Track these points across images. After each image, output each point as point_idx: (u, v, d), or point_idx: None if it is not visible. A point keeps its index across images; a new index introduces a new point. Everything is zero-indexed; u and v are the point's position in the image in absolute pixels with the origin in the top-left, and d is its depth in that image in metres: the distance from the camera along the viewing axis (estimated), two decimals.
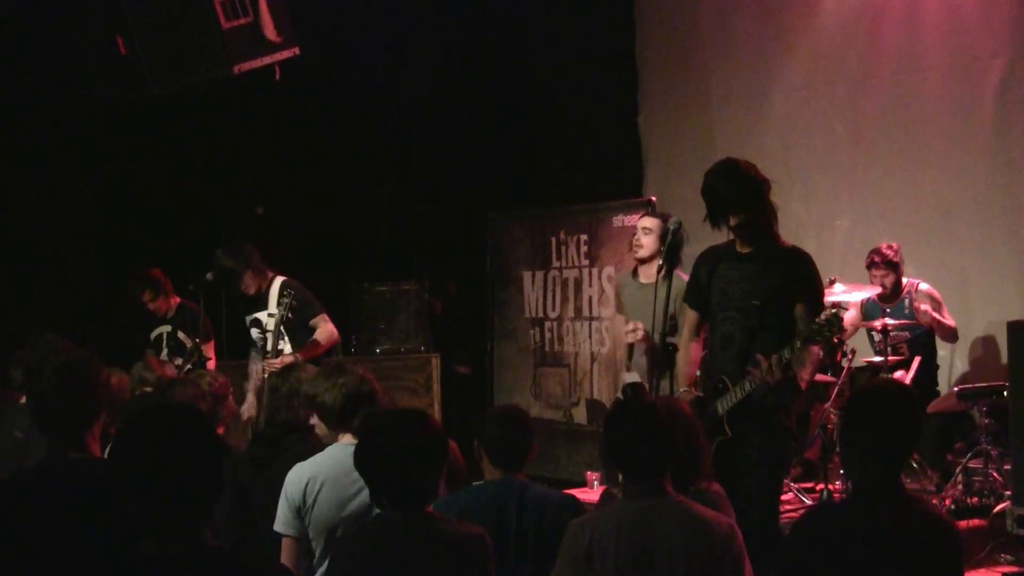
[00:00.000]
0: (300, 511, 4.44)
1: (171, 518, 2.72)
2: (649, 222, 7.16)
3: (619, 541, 3.82)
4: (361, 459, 3.84)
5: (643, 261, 7.17)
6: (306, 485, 4.44)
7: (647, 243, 7.11)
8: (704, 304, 5.70)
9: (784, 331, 5.42)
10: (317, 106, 10.01)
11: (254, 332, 7.55)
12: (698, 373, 5.84)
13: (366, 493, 4.25)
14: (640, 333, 6.87)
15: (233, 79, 7.74)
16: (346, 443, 4.54)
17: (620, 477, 4.10)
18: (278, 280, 7.50)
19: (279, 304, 7.31)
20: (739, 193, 5.50)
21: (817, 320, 5.24)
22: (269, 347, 7.34)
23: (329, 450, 4.56)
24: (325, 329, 7.43)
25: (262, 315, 7.48)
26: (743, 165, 5.61)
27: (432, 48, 10.52)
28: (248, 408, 7.56)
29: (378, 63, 10.22)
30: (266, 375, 7.06)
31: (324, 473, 4.45)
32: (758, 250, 5.57)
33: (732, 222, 5.52)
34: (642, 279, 7.19)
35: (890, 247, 8.13)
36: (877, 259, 8.14)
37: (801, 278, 5.54)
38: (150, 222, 9.44)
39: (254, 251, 7.55)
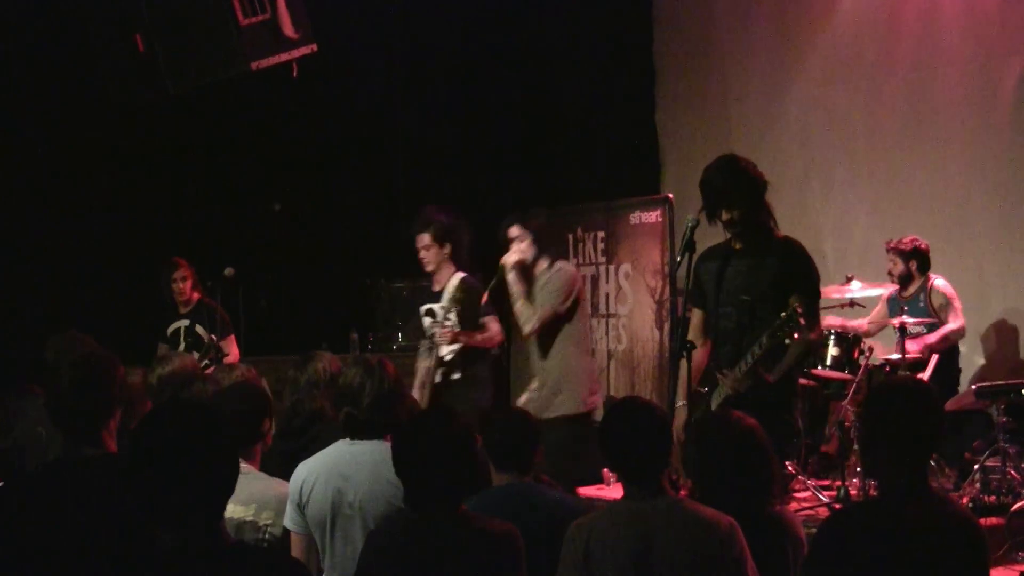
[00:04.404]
0: (300, 507, 4.46)
1: (187, 513, 2.74)
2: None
3: (617, 542, 3.81)
4: (397, 460, 3.84)
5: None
6: (302, 483, 4.46)
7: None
8: (704, 301, 5.75)
9: None
10: (334, 103, 10.01)
11: (426, 321, 7.61)
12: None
13: (360, 491, 4.36)
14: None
15: (250, 76, 7.75)
16: (343, 441, 4.56)
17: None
18: (457, 276, 7.56)
19: (452, 298, 7.41)
20: (734, 187, 5.56)
21: (779, 318, 5.24)
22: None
23: (330, 447, 4.57)
24: (492, 327, 7.52)
25: (436, 306, 7.55)
26: (742, 161, 5.68)
27: (449, 45, 10.51)
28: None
29: (394, 59, 10.24)
30: (433, 361, 7.30)
31: (318, 470, 4.47)
32: (752, 245, 5.63)
33: (724, 216, 5.58)
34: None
35: (913, 239, 8.13)
36: (890, 246, 8.17)
37: (794, 270, 5.58)
38: (166, 219, 9.47)
39: (456, 232, 7.66)
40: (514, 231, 7.33)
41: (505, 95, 10.77)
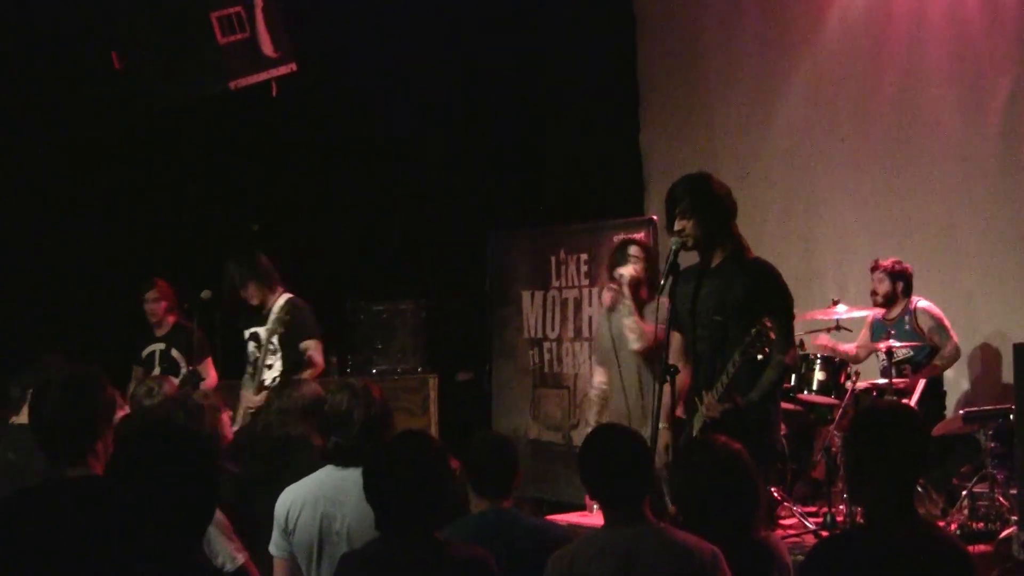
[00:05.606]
0: (286, 533, 4.45)
1: (167, 538, 2.73)
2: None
3: (599, 570, 3.77)
4: (367, 486, 3.79)
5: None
6: (288, 508, 4.46)
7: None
8: (680, 324, 5.70)
9: None
10: (314, 122, 9.94)
11: (250, 346, 7.53)
12: None
13: (348, 518, 4.35)
14: None
15: (229, 95, 7.69)
16: (331, 467, 4.53)
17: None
18: (284, 297, 7.48)
19: (277, 320, 7.31)
20: (692, 198, 5.54)
21: (749, 335, 5.20)
22: (260, 363, 7.34)
23: (317, 473, 4.55)
24: (314, 358, 7.44)
25: (261, 330, 7.47)
26: (710, 179, 5.68)
27: (432, 66, 10.41)
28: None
29: (377, 81, 10.12)
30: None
31: (305, 496, 4.46)
32: (721, 265, 5.59)
33: (678, 226, 5.55)
34: None
35: (896, 261, 8.12)
36: (882, 265, 8.14)
37: (765, 290, 5.52)
38: (143, 241, 9.34)
39: (265, 264, 7.58)
40: (634, 250, 7.17)
41: (488, 115, 10.71)
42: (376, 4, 9.91)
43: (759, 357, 5.27)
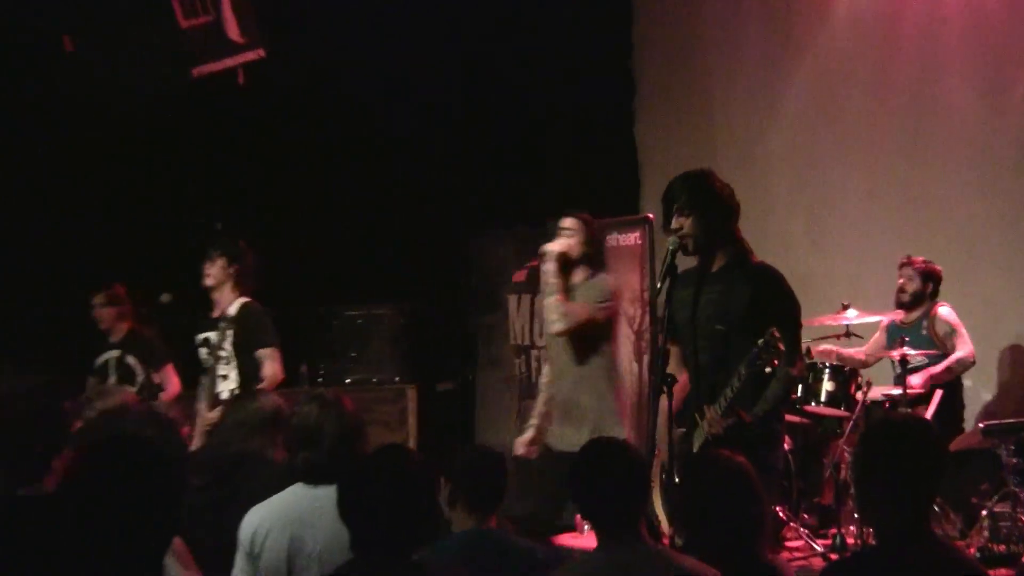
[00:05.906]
0: (251, 557, 4.32)
1: (127, 561, 2.66)
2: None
3: None
4: (344, 504, 3.63)
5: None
6: (255, 530, 4.31)
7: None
8: (677, 333, 5.46)
9: None
10: (289, 120, 9.75)
11: (202, 352, 7.26)
12: None
13: (319, 539, 4.24)
14: None
15: (193, 82, 7.56)
16: (300, 485, 4.38)
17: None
18: (239, 301, 7.19)
19: (227, 325, 7.06)
20: (691, 195, 5.34)
21: (756, 345, 4.95)
22: (214, 374, 7.13)
23: (285, 492, 4.40)
24: (270, 368, 7.15)
25: (213, 335, 7.19)
26: (712, 176, 5.48)
27: (420, 61, 10.24)
28: None
29: (356, 69, 9.91)
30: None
31: (272, 517, 4.32)
32: (723, 270, 5.37)
33: (675, 223, 5.33)
34: None
35: (927, 260, 7.92)
36: (915, 263, 7.91)
37: (770, 297, 5.28)
38: (100, 242, 9.13)
39: (246, 255, 7.28)
40: (567, 222, 6.73)
41: (474, 106, 10.57)
42: None
43: (767, 369, 5.04)
